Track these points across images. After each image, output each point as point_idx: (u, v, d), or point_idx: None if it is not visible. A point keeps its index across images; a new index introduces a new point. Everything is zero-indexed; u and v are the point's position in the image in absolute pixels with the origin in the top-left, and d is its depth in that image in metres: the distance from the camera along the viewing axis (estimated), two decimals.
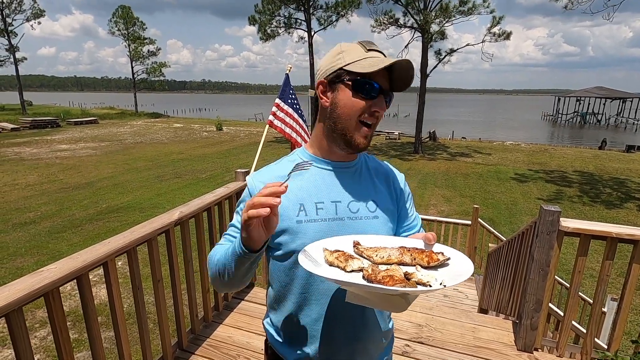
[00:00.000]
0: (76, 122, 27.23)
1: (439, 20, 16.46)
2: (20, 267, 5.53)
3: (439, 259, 0.75)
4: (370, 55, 0.84)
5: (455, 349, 2.25)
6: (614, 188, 11.26)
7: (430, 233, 0.82)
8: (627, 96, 41.10)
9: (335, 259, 0.76)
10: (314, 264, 0.74)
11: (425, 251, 0.78)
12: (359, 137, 0.86)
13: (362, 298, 0.73)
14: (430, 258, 0.76)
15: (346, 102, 0.85)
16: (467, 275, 0.68)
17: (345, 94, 0.85)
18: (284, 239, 0.89)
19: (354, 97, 0.84)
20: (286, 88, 3.69)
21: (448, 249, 0.80)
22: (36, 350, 3.71)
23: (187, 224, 2.15)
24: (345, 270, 0.74)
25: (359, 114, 0.85)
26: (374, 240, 0.85)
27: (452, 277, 0.70)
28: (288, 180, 0.72)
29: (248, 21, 21.31)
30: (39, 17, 32.88)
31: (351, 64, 0.84)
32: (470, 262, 0.73)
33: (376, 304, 0.72)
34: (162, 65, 39.23)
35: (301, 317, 0.94)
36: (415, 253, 0.78)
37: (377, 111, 0.85)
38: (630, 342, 1.83)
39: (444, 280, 0.69)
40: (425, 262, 0.76)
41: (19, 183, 10.61)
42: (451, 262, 0.77)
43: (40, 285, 1.28)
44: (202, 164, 13.66)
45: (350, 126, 0.86)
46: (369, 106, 0.84)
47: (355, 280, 0.69)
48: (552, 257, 2.04)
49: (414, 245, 0.82)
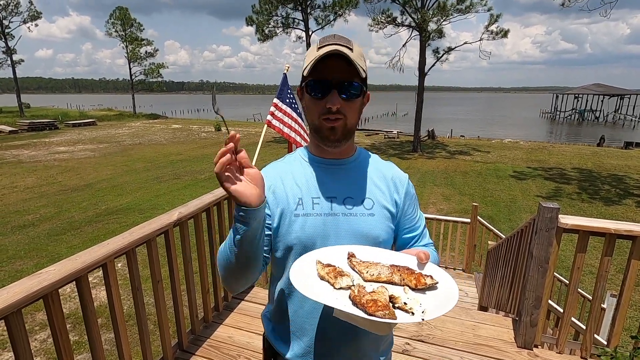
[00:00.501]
0: (74, 124, 27.17)
1: (437, 18, 16.47)
2: (20, 270, 5.52)
3: (427, 283, 0.76)
4: (319, 52, 0.83)
5: (456, 347, 2.25)
6: (612, 185, 11.28)
7: (423, 252, 0.82)
8: (625, 93, 41.22)
9: (326, 274, 0.77)
10: (305, 278, 0.75)
11: (414, 273, 0.78)
12: (326, 132, 0.89)
13: (348, 315, 0.73)
14: (418, 281, 0.76)
15: (308, 105, 0.90)
16: (450, 306, 0.68)
17: (306, 98, 0.90)
18: (280, 233, 0.91)
19: (310, 99, 0.88)
20: (284, 88, 3.69)
21: (438, 271, 0.80)
22: (36, 353, 3.70)
23: (186, 224, 2.14)
24: (334, 287, 0.75)
25: (317, 115, 0.88)
26: (370, 253, 0.85)
27: (436, 305, 0.71)
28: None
29: (245, 21, 21.28)
30: (35, 19, 32.76)
31: (305, 68, 0.86)
32: (456, 291, 0.73)
33: (360, 324, 0.73)
34: (160, 67, 39.15)
35: (296, 312, 0.95)
36: (404, 274, 0.78)
37: (330, 107, 0.85)
38: (629, 337, 1.84)
39: (425, 311, 0.70)
40: (413, 285, 0.76)
41: (17, 185, 10.58)
42: (440, 286, 0.77)
43: (39, 287, 1.28)
44: (201, 165, 13.65)
45: (317, 125, 0.90)
46: (324, 105, 0.86)
47: (337, 303, 0.70)
48: (551, 254, 2.04)
49: (406, 264, 0.82)
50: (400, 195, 0.99)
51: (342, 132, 0.89)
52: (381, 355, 1.02)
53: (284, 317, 0.98)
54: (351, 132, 0.92)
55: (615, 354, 1.67)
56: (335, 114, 0.85)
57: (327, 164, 0.96)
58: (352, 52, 0.84)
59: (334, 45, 0.83)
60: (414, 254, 0.84)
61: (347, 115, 0.87)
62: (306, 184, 0.94)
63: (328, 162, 0.96)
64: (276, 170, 0.98)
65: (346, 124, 0.88)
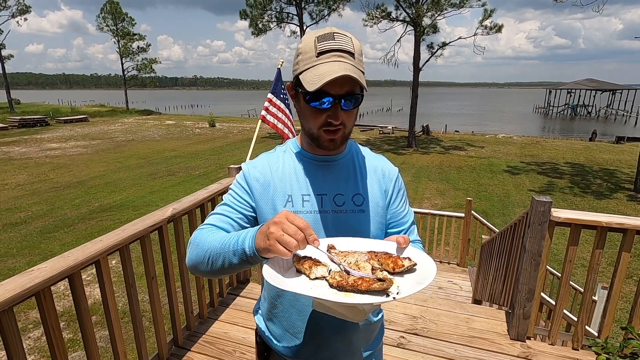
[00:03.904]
0: (66, 120, 26.81)
1: (431, 13, 16.45)
2: (12, 268, 5.46)
3: (404, 265, 0.75)
4: (320, 61, 0.80)
5: (450, 340, 2.27)
6: (604, 179, 11.42)
7: (401, 236, 0.81)
8: (617, 88, 41.61)
9: (301, 266, 0.76)
10: (279, 271, 0.74)
11: (392, 257, 0.77)
12: (325, 141, 0.87)
13: (326, 307, 0.73)
14: (395, 264, 0.75)
15: (305, 113, 0.87)
16: (426, 283, 0.68)
17: (303, 104, 0.86)
18: None
19: (309, 109, 0.85)
20: (278, 83, 3.67)
21: (416, 253, 0.79)
22: (30, 351, 3.67)
23: (180, 220, 2.13)
24: (309, 278, 0.74)
25: (317, 126, 0.86)
26: (349, 243, 0.85)
27: (413, 284, 0.70)
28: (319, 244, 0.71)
29: (239, 15, 21.08)
30: (25, 13, 32.13)
31: (303, 73, 0.82)
32: (433, 269, 0.72)
33: (337, 313, 0.73)
34: (153, 62, 38.70)
35: (287, 308, 0.95)
36: (382, 258, 0.77)
37: (332, 122, 0.83)
38: (620, 329, 1.87)
39: (400, 291, 0.68)
40: (391, 269, 0.75)
41: (8, 183, 10.44)
42: (418, 267, 0.76)
43: (31, 284, 1.26)
44: (195, 161, 13.57)
45: (315, 133, 0.87)
46: (325, 117, 0.84)
47: (312, 292, 0.69)
48: (543, 247, 2.07)
49: (385, 249, 0.81)
50: (388, 189, 0.98)
51: (341, 141, 0.88)
52: (372, 347, 1.03)
53: (276, 313, 0.98)
54: (349, 137, 0.92)
55: (605, 344, 1.70)
56: (335, 126, 0.84)
57: (318, 160, 0.95)
58: (353, 59, 0.81)
59: (337, 54, 0.79)
60: (394, 240, 0.82)
61: (346, 125, 0.86)
62: (296, 180, 0.93)
63: (319, 158, 0.95)
64: (267, 163, 0.96)
65: (345, 133, 0.87)
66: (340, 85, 0.80)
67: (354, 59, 0.81)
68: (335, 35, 0.82)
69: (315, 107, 0.82)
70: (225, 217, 0.90)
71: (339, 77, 0.76)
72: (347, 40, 0.82)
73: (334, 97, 0.80)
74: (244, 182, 0.94)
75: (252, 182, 0.93)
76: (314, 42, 0.81)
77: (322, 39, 0.81)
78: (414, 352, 2.17)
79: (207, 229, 0.87)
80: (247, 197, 0.92)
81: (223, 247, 0.77)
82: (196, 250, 0.83)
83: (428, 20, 16.59)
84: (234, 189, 0.95)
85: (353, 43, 0.82)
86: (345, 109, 0.83)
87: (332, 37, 0.81)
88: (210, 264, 0.80)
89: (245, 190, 0.93)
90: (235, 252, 0.75)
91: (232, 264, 0.76)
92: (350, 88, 0.81)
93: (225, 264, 0.77)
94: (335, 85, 0.79)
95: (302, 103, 0.86)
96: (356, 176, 0.96)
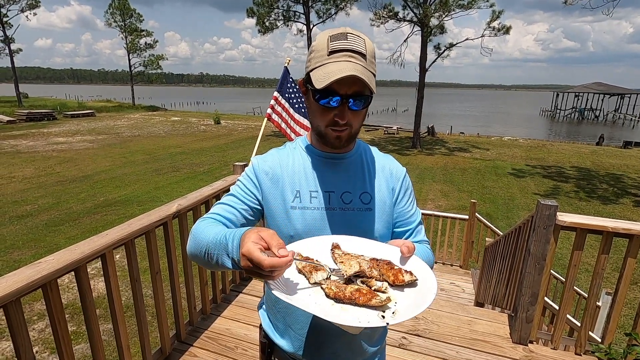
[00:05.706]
0: (73, 114, 27.00)
1: (439, 14, 16.36)
2: (18, 260, 5.52)
3: (404, 280, 0.73)
4: (331, 60, 0.81)
5: (452, 342, 2.27)
6: (610, 184, 11.31)
7: (405, 245, 0.80)
8: (625, 92, 41.14)
9: (303, 268, 0.75)
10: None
11: (394, 268, 0.75)
12: (331, 138, 0.88)
13: None
14: (396, 278, 0.73)
15: (313, 109, 0.89)
16: (422, 308, 0.65)
17: (312, 101, 0.87)
18: (277, 224, 0.91)
19: (317, 106, 0.86)
20: (284, 81, 3.67)
21: (419, 266, 0.77)
22: (35, 342, 3.72)
23: (185, 216, 2.15)
24: (309, 282, 0.74)
25: (325, 123, 0.87)
26: (354, 243, 0.83)
27: (409, 305, 0.68)
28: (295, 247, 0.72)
29: (246, 13, 21.11)
30: (34, 8, 32.40)
31: (314, 70, 0.83)
32: (434, 290, 0.69)
33: (334, 323, 0.72)
34: (160, 58, 38.85)
35: (289, 304, 0.95)
36: (384, 269, 0.75)
37: (338, 121, 0.84)
38: (624, 335, 1.85)
39: (396, 312, 0.67)
40: (391, 281, 0.74)
41: (15, 176, 10.55)
42: (419, 282, 0.73)
43: (38, 276, 1.28)
44: (200, 158, 13.62)
45: (322, 130, 0.89)
46: (332, 116, 0.85)
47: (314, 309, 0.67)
48: (548, 251, 2.05)
49: (389, 256, 0.80)
50: (396, 189, 0.99)
51: (348, 140, 0.89)
52: (375, 345, 1.03)
53: (279, 309, 0.99)
54: (356, 136, 0.92)
55: (609, 350, 1.69)
56: (342, 125, 0.85)
57: (326, 157, 0.96)
58: (365, 60, 0.81)
59: (347, 54, 0.80)
60: (399, 245, 0.81)
61: (353, 125, 0.87)
62: (305, 177, 0.93)
63: (328, 155, 0.96)
64: (277, 158, 0.97)
65: (351, 132, 0.88)
66: (349, 85, 0.80)
67: (365, 60, 0.82)
68: (349, 35, 0.83)
69: (323, 105, 0.84)
70: (230, 207, 0.91)
71: (347, 76, 0.77)
72: (359, 42, 0.82)
73: (341, 96, 0.81)
74: (252, 175, 0.95)
75: (261, 175, 0.94)
76: (327, 41, 0.82)
77: (334, 38, 0.82)
78: (415, 353, 2.17)
79: (207, 220, 0.88)
80: (255, 189, 0.94)
81: (215, 244, 0.76)
82: (194, 243, 0.83)
83: (435, 20, 16.50)
84: (242, 180, 0.96)
85: (366, 44, 0.83)
86: (353, 109, 0.84)
87: (345, 37, 0.82)
88: (208, 260, 0.79)
89: (253, 183, 0.94)
90: (227, 255, 0.73)
91: (227, 267, 0.75)
92: (358, 89, 0.82)
93: (217, 262, 0.76)
94: (343, 85, 0.80)
95: (311, 100, 0.88)
96: (364, 175, 0.97)
